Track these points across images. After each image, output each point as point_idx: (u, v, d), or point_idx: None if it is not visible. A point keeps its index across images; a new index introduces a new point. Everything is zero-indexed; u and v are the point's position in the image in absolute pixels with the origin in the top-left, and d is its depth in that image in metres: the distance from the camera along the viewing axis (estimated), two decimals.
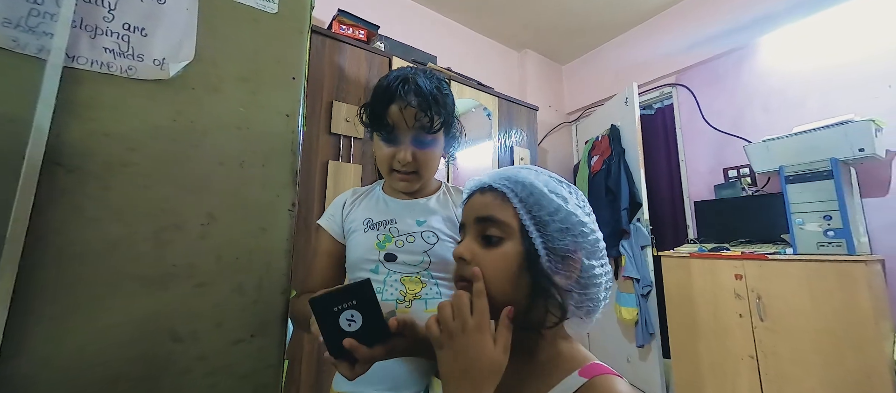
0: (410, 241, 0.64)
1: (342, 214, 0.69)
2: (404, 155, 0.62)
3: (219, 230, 0.56)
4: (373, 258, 0.63)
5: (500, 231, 0.41)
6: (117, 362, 0.48)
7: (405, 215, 0.66)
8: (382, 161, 0.65)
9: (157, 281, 0.51)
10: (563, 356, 0.41)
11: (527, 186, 0.41)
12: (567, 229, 0.40)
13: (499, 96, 2.22)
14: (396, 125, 0.62)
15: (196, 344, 0.53)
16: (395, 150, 0.63)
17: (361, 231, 0.65)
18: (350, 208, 0.70)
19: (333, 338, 0.43)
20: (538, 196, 0.40)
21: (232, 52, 0.61)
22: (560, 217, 0.40)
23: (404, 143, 0.63)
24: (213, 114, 0.58)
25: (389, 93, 0.61)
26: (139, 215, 0.51)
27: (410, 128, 0.62)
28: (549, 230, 0.39)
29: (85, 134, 0.48)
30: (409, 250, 0.63)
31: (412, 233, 0.64)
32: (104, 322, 0.47)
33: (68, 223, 0.46)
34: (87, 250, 0.47)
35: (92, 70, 0.49)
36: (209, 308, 0.54)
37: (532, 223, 0.40)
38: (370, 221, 0.66)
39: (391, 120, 0.61)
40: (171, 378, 0.51)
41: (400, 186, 0.67)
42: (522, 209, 0.40)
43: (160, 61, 0.54)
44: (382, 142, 0.64)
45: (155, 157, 0.53)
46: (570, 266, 0.40)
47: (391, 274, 0.62)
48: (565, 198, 0.42)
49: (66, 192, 0.47)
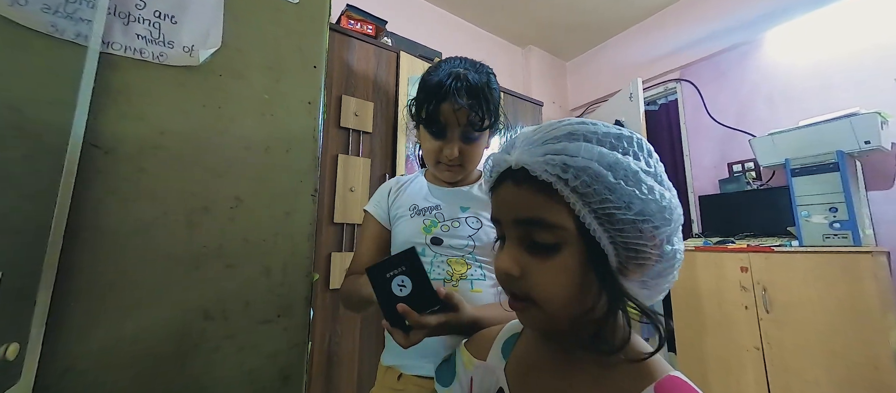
0: (455, 226, 0.65)
1: (388, 201, 0.71)
2: (451, 151, 0.63)
3: (246, 213, 0.58)
4: (419, 241, 0.64)
5: (553, 236, 0.30)
6: (152, 339, 0.49)
7: (450, 202, 0.68)
8: (429, 153, 0.66)
9: (190, 261, 0.53)
10: (636, 362, 0.32)
11: (583, 169, 0.29)
12: (646, 220, 0.29)
13: (504, 92, 2.23)
14: (447, 122, 0.62)
15: (226, 323, 0.54)
16: (443, 143, 0.64)
17: (408, 217, 0.67)
18: (396, 195, 0.72)
19: (389, 304, 0.45)
20: (602, 180, 0.29)
21: (256, 41, 0.62)
22: (637, 210, 0.29)
23: (452, 138, 0.63)
24: (239, 100, 0.60)
25: (441, 91, 0.61)
26: (171, 197, 0.53)
27: (460, 125, 0.62)
28: (615, 223, 0.29)
29: (120, 117, 0.50)
30: (455, 234, 0.64)
31: (457, 218, 0.66)
32: (140, 299, 0.49)
33: (105, 203, 0.48)
34: (123, 230, 0.49)
35: (125, 56, 0.51)
36: (238, 289, 0.56)
37: (595, 220, 0.29)
38: (416, 207, 0.68)
39: (443, 118, 0.62)
40: (203, 355, 0.52)
41: (445, 177, 0.69)
42: (580, 204, 0.29)
43: (189, 48, 0.55)
44: (431, 135, 0.64)
45: (185, 141, 0.54)
46: (645, 256, 0.30)
47: (438, 256, 0.63)
48: (635, 173, 0.30)
49: (103, 174, 0.48)
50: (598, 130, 0.32)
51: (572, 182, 0.29)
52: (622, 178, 0.29)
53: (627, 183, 0.29)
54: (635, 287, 0.32)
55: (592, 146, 0.30)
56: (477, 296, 0.61)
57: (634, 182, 0.29)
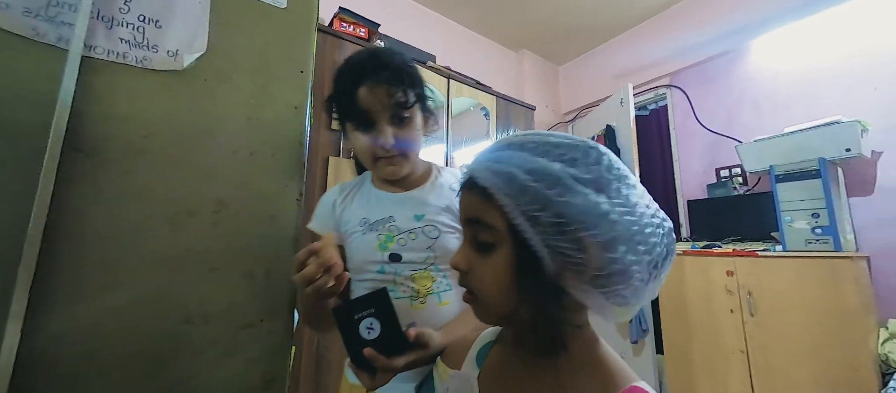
0: (412, 238, 0.60)
1: (335, 215, 0.65)
2: (385, 138, 0.57)
3: (230, 217, 0.58)
4: (377, 260, 0.60)
5: (490, 236, 0.33)
6: (133, 341, 0.49)
7: (403, 211, 0.62)
8: (363, 152, 0.61)
9: (174, 264, 0.53)
10: (596, 364, 0.34)
11: (507, 177, 0.32)
12: (565, 221, 0.30)
13: (497, 95, 2.24)
14: (370, 108, 0.57)
15: (208, 327, 0.54)
16: (374, 135, 0.58)
17: (360, 233, 0.62)
18: (342, 207, 0.65)
19: (355, 346, 0.44)
20: (521, 187, 0.31)
21: (243, 45, 0.62)
22: (554, 209, 0.30)
23: (382, 125, 0.58)
24: (225, 104, 0.60)
25: (355, 74, 0.56)
26: (156, 200, 0.53)
27: (385, 107, 0.57)
28: (542, 226, 0.30)
29: (102, 120, 0.50)
30: (413, 248, 0.60)
31: (413, 229, 0.61)
32: (122, 301, 0.49)
33: (90, 205, 0.48)
34: (108, 231, 0.49)
35: (108, 60, 0.51)
36: (221, 292, 0.56)
37: (524, 221, 0.31)
38: (366, 220, 0.62)
39: (364, 104, 0.56)
40: (185, 359, 0.52)
41: (387, 174, 0.61)
42: (511, 205, 0.31)
43: (174, 52, 0.55)
44: (358, 131, 0.59)
45: (170, 145, 0.54)
46: (581, 262, 0.31)
47: (399, 274, 0.60)
48: (558, 178, 0.31)
49: (87, 176, 0.48)
50: (536, 139, 0.35)
51: (502, 187, 0.32)
52: (540, 182, 0.31)
53: (546, 186, 0.31)
54: (591, 295, 0.32)
55: (519, 153, 0.33)
56: (446, 309, 0.60)
57: (553, 186, 0.31)
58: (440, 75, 1.96)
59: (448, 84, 1.98)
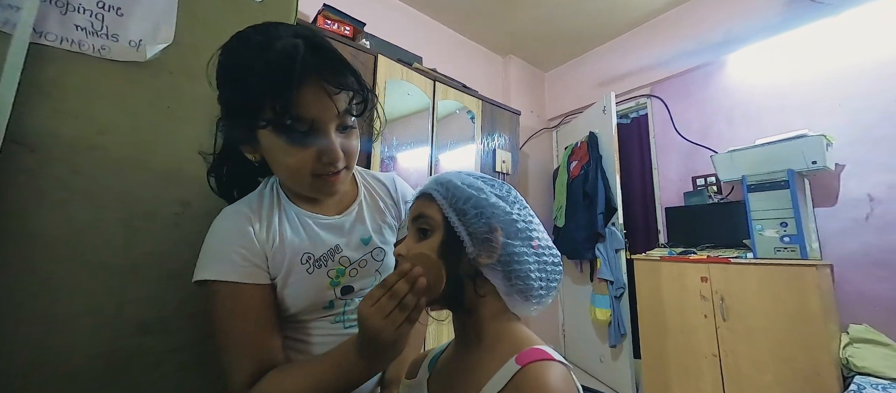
0: (362, 265, 0.55)
1: (262, 248, 0.48)
2: (336, 151, 0.46)
3: (193, 219, 0.55)
4: (328, 298, 0.53)
5: (428, 225, 0.45)
6: (78, 356, 0.45)
7: (348, 238, 0.55)
8: (299, 167, 0.46)
9: (128, 270, 0.49)
10: (505, 340, 0.42)
11: (446, 184, 0.46)
12: (481, 212, 0.43)
13: (483, 99, 2.25)
14: (317, 115, 0.44)
15: (166, 336, 0.51)
16: (319, 147, 0.45)
17: (304, 272, 0.50)
18: (268, 241, 0.49)
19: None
20: (454, 189, 0.45)
21: (213, 40, 0.59)
22: (473, 203, 0.43)
23: (329, 133, 0.45)
24: (192, 101, 0.57)
25: (298, 69, 0.42)
26: (109, 201, 0.49)
27: (334, 114, 0.45)
28: (467, 217, 0.43)
29: (50, 114, 0.46)
30: (363, 275, 0.55)
31: (363, 257, 0.55)
32: (65, 312, 0.45)
33: (32, 206, 0.44)
34: (51, 235, 0.45)
35: (61, 48, 0.47)
36: (181, 299, 0.52)
37: (453, 213, 0.44)
38: (310, 256, 0.51)
39: (310, 109, 0.43)
40: (140, 372, 0.49)
41: (326, 192, 0.50)
42: (444, 202, 0.44)
43: (136, 43, 0.52)
44: (294, 144, 0.44)
45: (128, 142, 0.51)
46: (491, 246, 0.42)
47: (350, 303, 0.55)
48: (480, 188, 0.45)
49: (30, 174, 0.44)
50: (469, 173, 0.48)
51: (441, 191, 0.45)
52: (470, 188, 0.45)
53: (470, 189, 0.45)
54: (497, 275, 0.43)
55: (459, 174, 0.47)
56: None
57: (476, 190, 0.45)
58: (426, 77, 1.95)
59: (434, 86, 1.97)
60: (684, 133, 2.37)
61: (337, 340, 0.49)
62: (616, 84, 2.73)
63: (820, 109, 1.85)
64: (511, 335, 0.42)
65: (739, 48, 2.16)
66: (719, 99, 2.25)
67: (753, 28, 2.10)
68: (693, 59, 2.36)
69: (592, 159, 2.43)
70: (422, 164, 1.89)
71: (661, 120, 2.53)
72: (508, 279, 0.43)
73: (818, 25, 1.88)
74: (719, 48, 2.25)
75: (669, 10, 2.52)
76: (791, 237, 1.54)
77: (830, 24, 1.84)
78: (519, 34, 2.81)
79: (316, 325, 0.52)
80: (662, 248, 2.18)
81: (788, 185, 1.58)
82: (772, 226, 1.60)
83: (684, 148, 2.37)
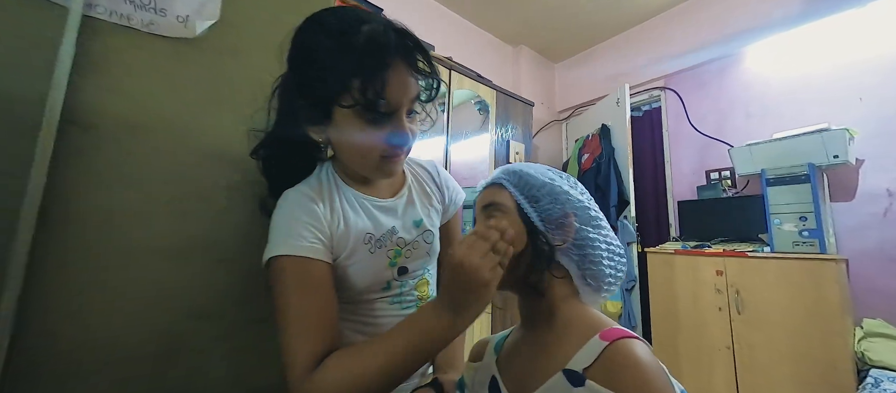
0: (415, 247, 0.56)
1: (328, 229, 0.49)
2: (403, 130, 0.47)
3: (242, 203, 0.53)
4: (386, 278, 0.54)
5: (500, 211, 0.46)
6: (131, 341, 0.44)
7: (402, 220, 0.56)
8: (371, 147, 0.47)
9: (177, 254, 0.48)
10: (581, 320, 0.42)
11: (517, 173, 0.48)
12: (555, 198, 0.45)
13: (497, 90, 2.22)
14: (398, 98, 0.45)
15: (215, 322, 0.50)
16: (391, 128, 0.46)
17: (367, 252, 0.51)
18: (334, 222, 0.50)
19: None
20: (527, 177, 0.47)
21: (254, 16, 0.57)
22: (547, 190, 0.46)
23: (401, 117, 0.47)
24: (236, 79, 0.55)
25: (387, 54, 0.43)
26: (158, 183, 0.48)
27: (410, 98, 0.46)
28: (541, 203, 0.45)
29: (101, 91, 0.44)
30: (416, 257, 0.57)
31: (415, 239, 0.56)
32: (117, 295, 0.44)
33: (84, 186, 0.43)
34: (102, 216, 0.44)
35: (110, 21, 0.45)
36: (230, 285, 0.51)
37: (525, 200, 0.46)
38: (371, 237, 0.52)
39: (394, 93, 0.44)
40: (190, 357, 0.48)
41: (385, 174, 0.52)
42: (516, 191, 0.46)
43: (183, 18, 0.50)
44: (369, 121, 0.45)
45: (175, 122, 0.49)
46: (565, 230, 0.44)
47: (405, 284, 0.56)
48: (552, 178, 0.47)
49: (83, 153, 0.43)
50: (533, 165, 0.50)
51: (512, 179, 0.47)
52: (542, 176, 0.47)
53: (543, 177, 0.47)
54: (569, 260, 0.44)
55: (527, 165, 0.49)
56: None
57: (548, 178, 0.47)
58: (442, 66, 1.92)
59: (450, 75, 1.94)
60: (698, 126, 2.34)
61: (395, 320, 0.51)
62: (628, 76, 2.69)
63: (839, 103, 1.83)
64: (586, 316, 0.43)
65: (758, 40, 2.13)
66: (735, 92, 2.22)
67: (774, 19, 2.07)
68: (709, 52, 2.33)
69: (605, 152, 2.41)
70: (437, 154, 1.88)
71: (674, 113, 2.50)
72: (582, 264, 0.44)
73: (842, 16, 1.85)
74: (737, 40, 2.21)
75: (685, 2, 2.48)
76: (810, 231, 1.53)
77: (855, 15, 1.81)
78: (530, 24, 2.76)
79: (375, 306, 0.53)
80: (674, 241, 2.18)
81: (809, 180, 1.57)
82: (790, 220, 1.59)
83: (698, 142, 2.35)
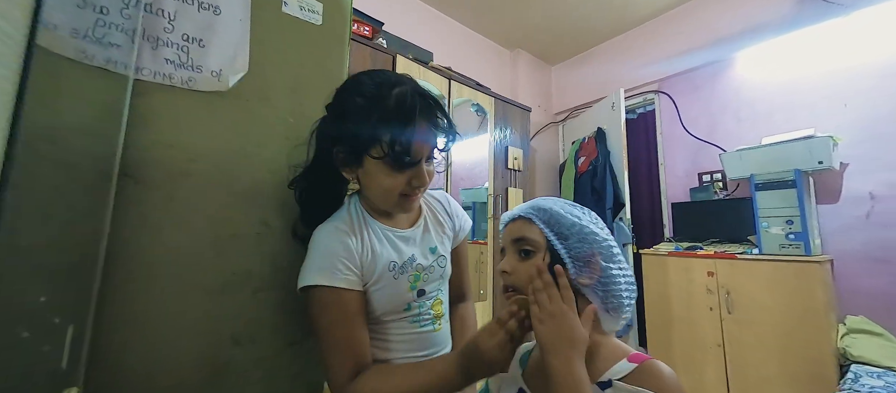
0: (431, 271, 0.64)
1: (359, 261, 0.56)
2: (424, 177, 0.56)
3: (273, 237, 0.58)
4: (407, 299, 0.61)
5: (531, 246, 0.50)
6: (182, 370, 0.50)
7: (419, 248, 0.64)
8: (391, 189, 0.55)
9: (218, 287, 0.53)
10: (607, 347, 0.47)
11: (547, 211, 0.51)
12: (584, 238, 0.49)
13: (495, 97, 2.27)
14: (419, 150, 0.54)
15: (255, 347, 0.55)
16: (410, 174, 0.55)
17: (391, 278, 0.58)
18: (364, 253, 0.57)
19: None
20: (557, 217, 0.50)
21: (281, 63, 0.62)
22: (576, 230, 0.49)
23: (422, 163, 0.56)
24: (265, 124, 0.60)
25: (412, 114, 0.52)
26: (200, 224, 0.53)
27: (429, 148, 0.56)
28: (569, 242, 0.49)
29: (150, 145, 0.49)
30: (431, 280, 0.64)
31: (431, 264, 0.64)
32: (170, 329, 0.49)
33: (138, 231, 0.48)
34: (154, 259, 0.49)
35: (154, 81, 0.50)
36: (266, 312, 0.57)
37: (555, 237, 0.49)
38: (395, 264, 0.59)
39: (416, 146, 0.53)
40: (233, 380, 0.53)
41: (404, 210, 0.61)
42: (546, 228, 0.50)
43: (217, 72, 0.55)
44: (393, 170, 0.54)
45: (213, 167, 0.54)
46: (591, 268, 0.48)
47: (423, 305, 0.63)
48: (579, 216, 0.51)
49: (134, 203, 0.48)
50: (559, 200, 0.54)
51: (542, 216, 0.51)
52: (569, 214, 0.51)
53: (571, 216, 0.50)
54: (595, 296, 0.48)
55: (555, 202, 0.53)
56: (445, 324, 0.67)
57: (576, 218, 0.51)
58: (441, 76, 1.96)
59: (449, 85, 1.99)
60: (691, 129, 2.41)
61: (414, 337, 0.61)
62: (623, 79, 2.75)
63: (826, 108, 1.90)
64: (612, 343, 0.48)
65: (749, 46, 2.19)
66: (726, 96, 2.29)
67: (764, 25, 2.13)
68: (702, 56, 2.39)
69: (601, 155, 2.47)
70: None
71: (668, 116, 2.56)
72: (605, 298, 0.48)
73: (828, 25, 1.91)
74: (729, 45, 2.28)
75: (678, 7, 2.53)
76: (796, 234, 1.61)
77: (841, 23, 1.88)
78: (526, 28, 2.81)
79: (397, 325, 0.61)
80: (668, 242, 2.26)
81: (795, 185, 1.64)
82: (778, 223, 1.66)
83: (690, 144, 2.42)
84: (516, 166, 2.33)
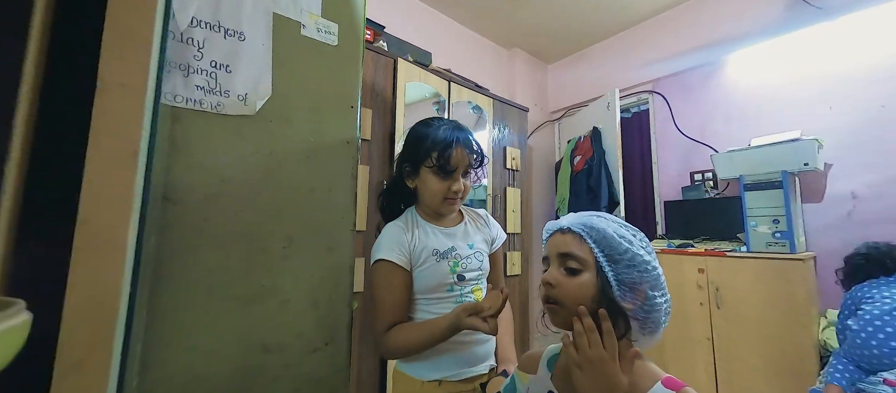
0: (469, 262, 0.82)
1: (409, 248, 0.78)
2: (460, 186, 0.79)
3: (296, 252, 0.62)
4: (448, 281, 0.79)
5: (578, 264, 0.49)
6: (219, 377, 0.53)
7: (459, 242, 0.83)
8: (437, 193, 0.78)
9: (250, 299, 0.57)
10: (641, 371, 0.47)
11: (600, 231, 0.49)
12: (634, 266, 0.48)
13: (494, 98, 2.30)
14: (457, 165, 0.77)
15: (282, 354, 0.59)
16: (451, 182, 0.78)
17: (434, 261, 0.78)
18: (412, 242, 0.79)
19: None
20: (610, 239, 0.49)
21: (300, 85, 0.65)
22: (628, 257, 0.48)
23: (458, 176, 0.79)
24: (287, 144, 0.63)
25: (452, 141, 0.77)
26: (231, 241, 0.56)
27: (465, 164, 0.79)
28: (619, 266, 0.48)
29: (185, 169, 0.52)
30: (470, 268, 0.82)
31: (469, 256, 0.83)
32: (208, 340, 0.53)
33: (178, 250, 0.51)
34: (191, 277, 0.52)
35: (187, 107, 0.53)
36: (292, 321, 0.60)
37: (605, 260, 0.48)
38: (437, 251, 0.79)
39: (454, 162, 0.77)
40: (262, 386, 0.57)
41: (450, 210, 0.83)
42: (596, 248, 0.49)
43: (243, 97, 0.58)
44: (439, 177, 0.77)
45: (242, 188, 0.57)
46: (637, 295, 0.48)
47: (464, 288, 0.81)
48: (631, 241, 0.49)
49: (173, 225, 0.51)
50: (611, 219, 0.53)
51: (594, 235, 0.50)
52: (623, 238, 0.49)
53: (624, 241, 0.49)
54: (636, 320, 0.48)
55: (608, 223, 0.51)
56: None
57: (628, 242, 0.49)
58: (441, 78, 1.99)
59: (448, 86, 2.01)
60: (683, 129, 2.47)
61: None
62: (619, 79, 2.80)
63: (812, 111, 1.98)
64: (645, 368, 0.49)
65: (739, 49, 2.25)
66: (718, 97, 2.35)
67: (754, 30, 2.19)
68: (695, 58, 2.44)
69: (596, 154, 2.53)
70: None
71: (661, 116, 2.62)
72: (644, 323, 0.48)
73: (814, 30, 1.97)
74: (720, 48, 2.33)
75: (672, 8, 2.58)
76: (782, 233, 1.68)
77: (827, 28, 1.94)
78: (523, 28, 2.83)
79: (444, 305, 0.78)
80: (661, 239, 2.33)
81: (782, 186, 1.71)
82: (765, 222, 1.74)
83: (683, 144, 2.48)
84: (514, 166, 2.37)
